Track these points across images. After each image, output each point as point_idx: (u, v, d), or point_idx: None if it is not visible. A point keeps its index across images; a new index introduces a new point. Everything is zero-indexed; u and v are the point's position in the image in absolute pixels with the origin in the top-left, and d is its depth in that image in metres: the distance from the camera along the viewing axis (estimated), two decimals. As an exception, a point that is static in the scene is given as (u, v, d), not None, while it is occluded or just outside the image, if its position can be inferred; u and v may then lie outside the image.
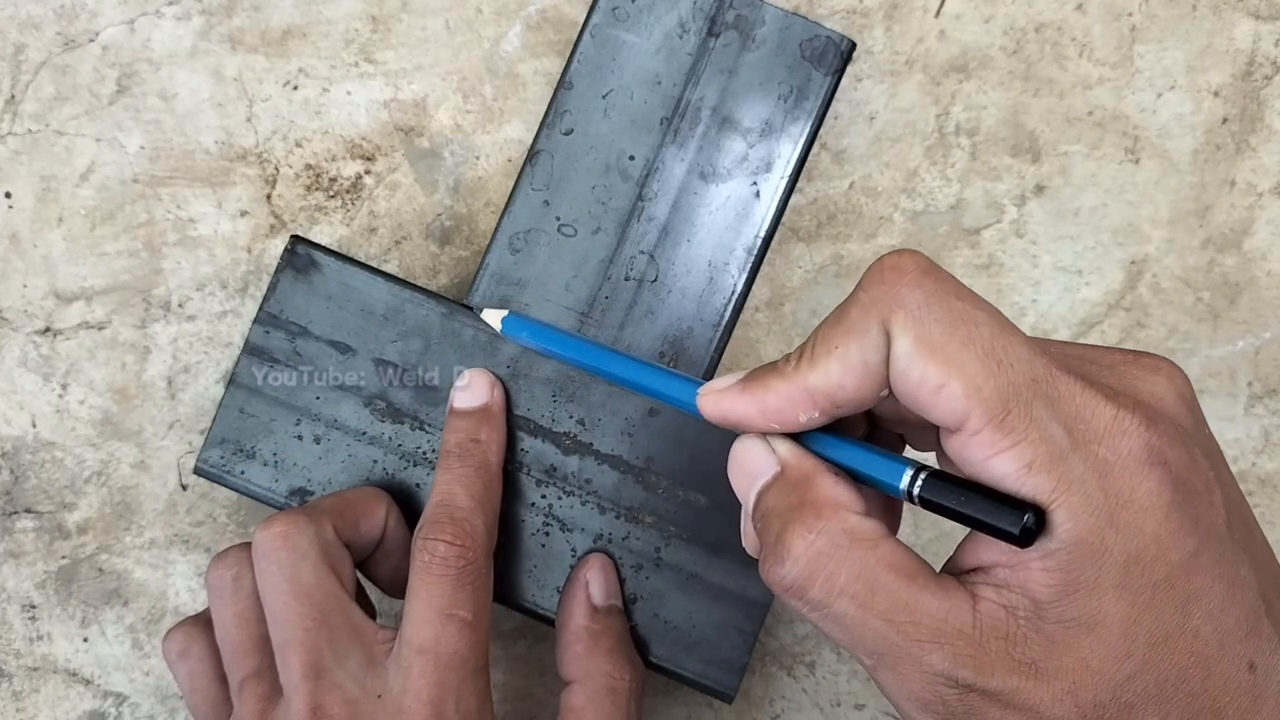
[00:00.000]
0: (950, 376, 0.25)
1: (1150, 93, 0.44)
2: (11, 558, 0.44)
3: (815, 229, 0.44)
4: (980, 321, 0.26)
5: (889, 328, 0.26)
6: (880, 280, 0.27)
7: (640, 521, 0.39)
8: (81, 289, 0.44)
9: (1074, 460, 0.25)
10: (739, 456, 0.30)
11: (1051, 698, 0.25)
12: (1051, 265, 0.44)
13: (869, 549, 0.26)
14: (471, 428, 0.38)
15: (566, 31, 0.44)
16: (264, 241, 0.44)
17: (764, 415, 0.28)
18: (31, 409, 0.44)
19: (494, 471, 0.38)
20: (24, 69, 0.43)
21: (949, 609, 0.26)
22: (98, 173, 0.44)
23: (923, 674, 0.26)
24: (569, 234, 0.40)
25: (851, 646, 0.27)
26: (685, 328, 0.40)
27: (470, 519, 0.36)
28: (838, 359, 0.27)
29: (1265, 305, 0.45)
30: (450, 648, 0.34)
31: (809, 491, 0.28)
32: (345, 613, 0.35)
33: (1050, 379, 0.26)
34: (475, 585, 0.36)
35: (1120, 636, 0.25)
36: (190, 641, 0.37)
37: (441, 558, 0.35)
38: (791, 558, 0.26)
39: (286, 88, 0.44)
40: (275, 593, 0.35)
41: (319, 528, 0.36)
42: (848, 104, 0.44)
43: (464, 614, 0.35)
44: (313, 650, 0.34)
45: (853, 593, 0.26)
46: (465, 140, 0.44)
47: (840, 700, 0.45)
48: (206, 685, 0.37)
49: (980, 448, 0.25)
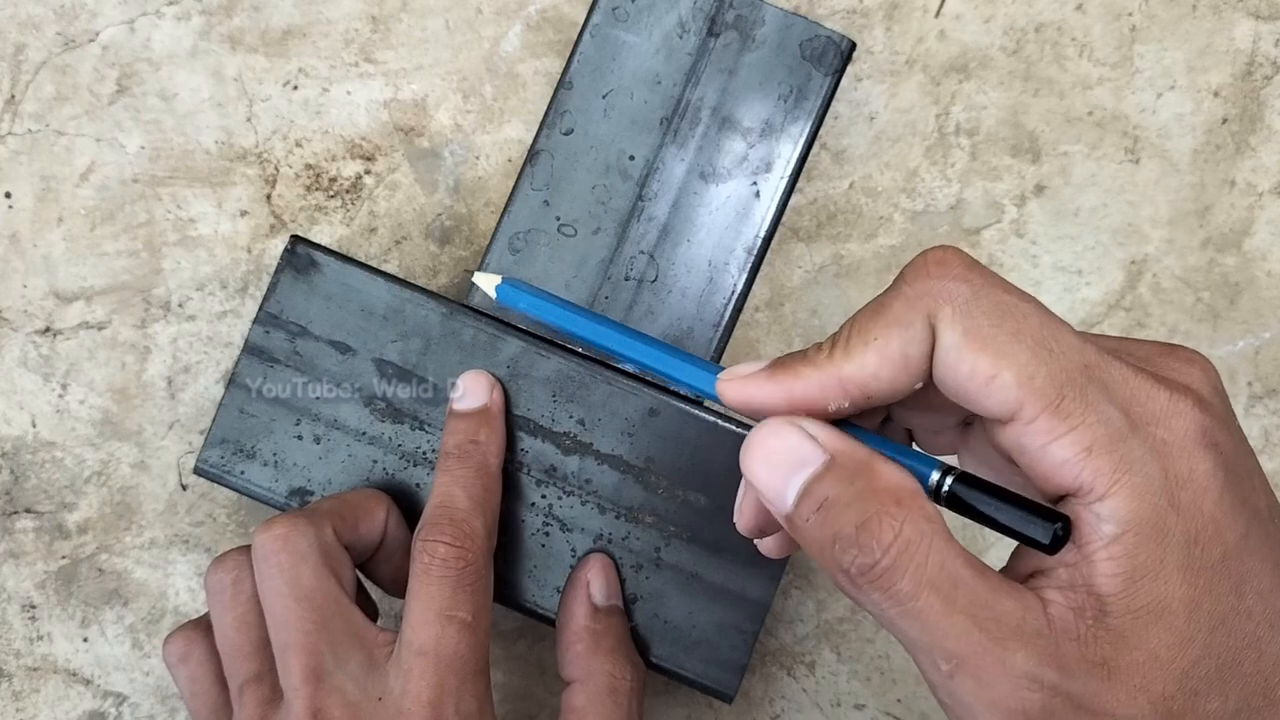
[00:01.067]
0: (1002, 367, 0.25)
1: (1150, 93, 0.44)
2: (11, 558, 0.44)
3: (815, 229, 0.44)
4: (1027, 313, 0.26)
5: (935, 321, 0.26)
6: (925, 274, 0.27)
7: (640, 521, 0.39)
8: (81, 289, 0.44)
9: (1133, 442, 0.25)
10: (766, 445, 0.28)
11: (1126, 696, 0.25)
12: (1051, 265, 0.44)
13: (948, 541, 0.25)
14: (470, 429, 0.38)
15: (566, 31, 0.44)
16: (264, 241, 0.44)
17: (791, 403, 0.28)
18: (31, 409, 0.44)
19: (493, 473, 0.38)
20: (24, 69, 0.43)
21: (1025, 609, 0.25)
22: (98, 173, 0.44)
23: (1008, 676, 0.25)
24: (569, 234, 0.40)
25: (930, 647, 0.25)
26: (685, 328, 0.40)
27: (469, 520, 0.36)
28: (875, 350, 0.27)
29: (1265, 305, 0.45)
30: (450, 649, 0.34)
31: (875, 479, 0.26)
32: (345, 615, 0.35)
33: (1102, 365, 0.26)
34: (475, 586, 0.35)
35: (1184, 621, 0.25)
36: (190, 645, 0.37)
37: (441, 559, 0.35)
38: (882, 546, 0.25)
39: (286, 88, 0.44)
40: (275, 596, 0.35)
41: (319, 530, 0.36)
42: (848, 104, 0.44)
43: (463, 615, 0.35)
44: (313, 653, 0.34)
45: (939, 585, 0.25)
46: (465, 140, 0.44)
47: (840, 700, 0.45)
48: (207, 689, 0.37)
49: (1038, 435, 0.25)
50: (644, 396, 0.39)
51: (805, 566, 0.45)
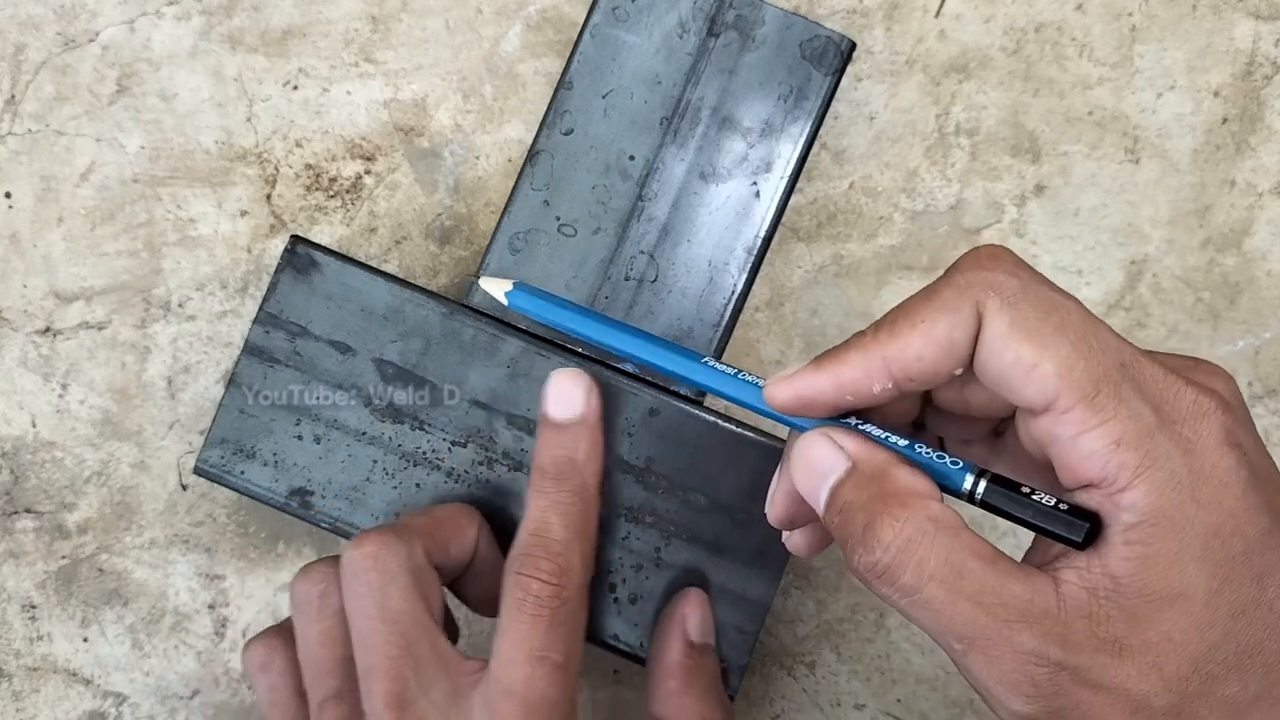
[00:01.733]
0: (1044, 358, 0.27)
1: (1150, 93, 0.44)
2: (11, 558, 0.44)
3: (815, 229, 0.44)
4: (1071, 310, 0.27)
5: (983, 310, 0.28)
6: (978, 265, 0.28)
7: (640, 521, 0.39)
8: (81, 289, 0.44)
9: (1160, 438, 0.26)
10: (804, 454, 0.30)
11: (1137, 673, 0.26)
12: (1051, 265, 0.44)
13: (953, 535, 0.27)
14: (569, 444, 0.37)
15: (566, 31, 0.44)
16: (264, 241, 0.44)
17: (839, 388, 0.29)
18: (31, 409, 0.44)
19: (592, 496, 0.37)
20: (24, 69, 0.43)
21: (1033, 592, 0.27)
22: (98, 173, 0.44)
23: (1013, 654, 0.26)
24: (569, 234, 0.40)
25: (941, 632, 0.27)
26: (685, 328, 0.40)
27: (566, 554, 0.35)
28: (921, 332, 0.28)
29: (1265, 305, 0.45)
30: (539, 693, 0.33)
31: (888, 483, 0.28)
32: (433, 641, 0.34)
33: (1136, 363, 0.27)
34: (569, 625, 0.34)
35: (1202, 607, 0.26)
36: (272, 654, 0.36)
37: (535, 595, 0.34)
38: (883, 545, 0.27)
39: (286, 88, 0.44)
40: (363, 616, 0.34)
41: (410, 550, 0.35)
42: (848, 104, 0.44)
43: (556, 657, 0.34)
44: (398, 679, 0.33)
45: (942, 577, 0.27)
46: (465, 140, 0.44)
47: (840, 700, 0.45)
48: (286, 700, 0.36)
49: (1070, 425, 0.27)
50: (644, 396, 0.39)
51: (805, 567, 0.45)
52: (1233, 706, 0.26)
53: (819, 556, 0.44)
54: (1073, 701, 0.26)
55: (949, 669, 0.44)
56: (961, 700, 0.44)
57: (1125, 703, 0.26)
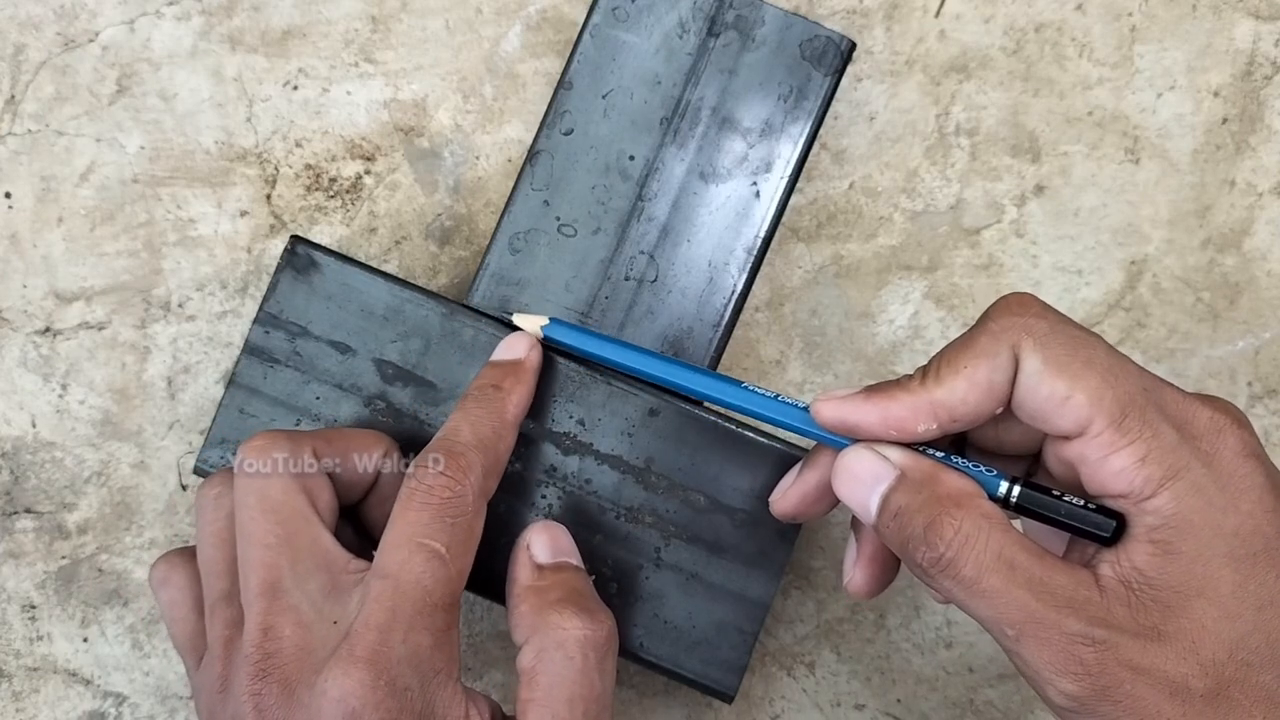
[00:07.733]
0: (1076, 390, 0.30)
1: (1150, 93, 0.44)
2: (11, 558, 0.44)
3: (815, 229, 0.44)
4: (1096, 346, 0.31)
5: (1018, 352, 0.31)
6: (1009, 312, 0.31)
7: (640, 521, 0.39)
8: (81, 289, 0.44)
9: (1182, 451, 0.29)
10: (851, 468, 0.33)
11: (1176, 656, 0.28)
12: (1051, 265, 0.44)
13: (1004, 531, 0.30)
14: (496, 375, 0.37)
15: (566, 31, 0.44)
16: (264, 241, 0.44)
17: (885, 424, 0.32)
18: (31, 409, 0.44)
19: (508, 420, 0.37)
20: (24, 69, 0.43)
21: (1077, 582, 0.29)
22: (98, 173, 0.44)
23: (1062, 636, 0.29)
24: (569, 234, 0.40)
25: (996, 620, 0.30)
26: (685, 328, 0.40)
27: (467, 454, 0.35)
28: (965, 378, 0.31)
29: (1265, 305, 0.45)
30: (413, 576, 0.33)
31: (939, 486, 0.31)
32: (313, 535, 0.34)
33: (1158, 389, 0.31)
34: (457, 522, 0.34)
35: (1230, 598, 0.29)
36: (172, 570, 0.36)
37: (427, 486, 0.34)
38: (945, 541, 0.30)
39: (286, 88, 0.44)
40: (243, 507, 0.34)
41: (296, 446, 0.35)
42: (848, 104, 0.44)
43: (436, 545, 0.33)
44: (272, 568, 0.33)
45: (997, 569, 0.29)
46: (465, 140, 0.44)
47: (840, 700, 0.45)
48: (185, 615, 0.36)
49: (1100, 447, 0.30)
50: (644, 396, 0.39)
51: (805, 567, 0.45)
52: (1269, 695, 0.28)
53: (819, 556, 0.44)
54: (1116, 680, 0.28)
55: (949, 669, 0.44)
56: (961, 700, 0.44)
57: (1165, 684, 0.28)
